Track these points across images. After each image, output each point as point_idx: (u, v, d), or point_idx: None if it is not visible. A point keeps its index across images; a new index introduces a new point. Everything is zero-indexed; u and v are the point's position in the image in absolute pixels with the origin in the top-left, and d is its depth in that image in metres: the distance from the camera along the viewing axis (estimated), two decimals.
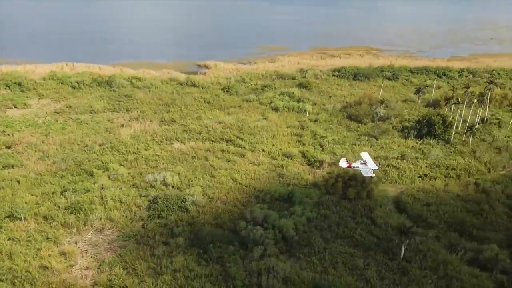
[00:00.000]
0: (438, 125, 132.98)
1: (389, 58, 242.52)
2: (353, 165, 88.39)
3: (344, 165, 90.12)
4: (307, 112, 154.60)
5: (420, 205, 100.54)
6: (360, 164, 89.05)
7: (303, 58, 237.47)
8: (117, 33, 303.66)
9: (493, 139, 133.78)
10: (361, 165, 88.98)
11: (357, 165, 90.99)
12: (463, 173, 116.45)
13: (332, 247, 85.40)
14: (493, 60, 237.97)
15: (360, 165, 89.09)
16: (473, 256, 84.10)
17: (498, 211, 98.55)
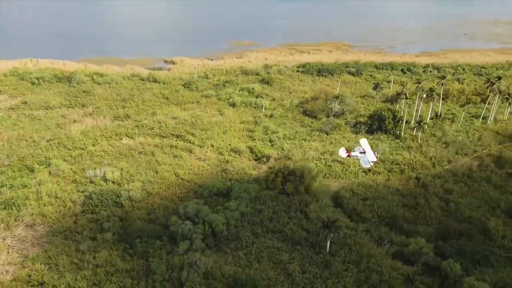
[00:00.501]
0: (389, 120, 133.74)
1: (358, 54, 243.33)
2: (352, 154, 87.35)
3: (343, 154, 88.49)
4: (264, 108, 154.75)
5: (357, 200, 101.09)
6: (359, 153, 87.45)
7: (272, 54, 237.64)
8: (90, 29, 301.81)
9: (443, 134, 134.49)
10: (360, 154, 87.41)
11: (356, 154, 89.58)
12: (406, 168, 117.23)
13: (260, 241, 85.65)
14: (461, 56, 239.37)
15: (359, 154, 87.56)
16: (398, 250, 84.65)
17: (433, 205, 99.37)
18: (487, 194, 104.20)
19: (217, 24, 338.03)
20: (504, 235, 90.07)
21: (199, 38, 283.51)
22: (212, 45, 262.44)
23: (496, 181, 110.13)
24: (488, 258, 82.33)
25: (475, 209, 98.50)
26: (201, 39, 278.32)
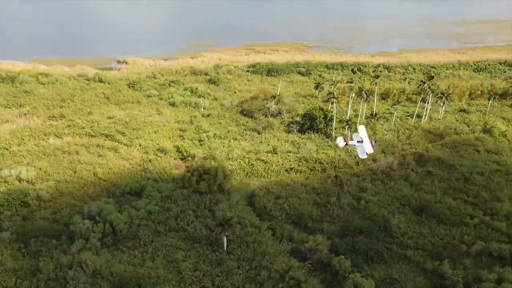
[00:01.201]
0: (319, 119, 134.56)
1: (314, 54, 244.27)
2: (349, 143, 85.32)
3: (341, 143, 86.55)
4: (202, 107, 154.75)
5: (269, 198, 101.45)
6: (356, 142, 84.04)
7: (227, 54, 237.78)
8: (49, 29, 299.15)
9: (373, 133, 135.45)
10: (357, 143, 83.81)
11: (353, 143, 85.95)
12: (328, 167, 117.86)
13: (160, 240, 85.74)
14: (416, 56, 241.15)
15: (357, 143, 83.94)
16: (296, 247, 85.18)
17: (344, 203, 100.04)
18: (401, 192, 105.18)
19: (182, 24, 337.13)
20: (405, 232, 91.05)
21: (160, 38, 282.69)
22: (172, 45, 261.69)
23: (414, 179, 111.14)
24: (382, 255, 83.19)
25: (385, 207, 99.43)
26: (161, 39, 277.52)
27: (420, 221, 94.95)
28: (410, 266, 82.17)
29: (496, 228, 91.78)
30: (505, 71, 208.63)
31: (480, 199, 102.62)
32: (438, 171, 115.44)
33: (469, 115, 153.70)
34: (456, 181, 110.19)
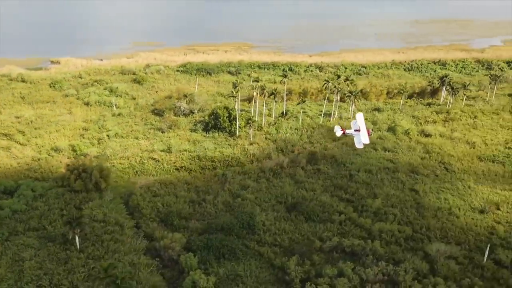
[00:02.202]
0: (223, 118, 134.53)
1: (254, 54, 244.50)
2: (347, 131, 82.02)
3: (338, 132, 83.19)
4: (115, 107, 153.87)
5: (146, 196, 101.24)
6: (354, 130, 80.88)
7: (165, 54, 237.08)
8: None
9: (277, 131, 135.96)
10: (354, 132, 79.63)
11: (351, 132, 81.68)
12: (220, 165, 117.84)
13: (15, 239, 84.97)
14: (355, 55, 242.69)
15: (354, 132, 79.71)
16: (152, 245, 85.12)
17: (219, 201, 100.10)
18: (281, 190, 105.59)
19: (132, 24, 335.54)
20: (269, 229, 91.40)
21: (107, 37, 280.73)
22: (115, 45, 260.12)
23: (300, 177, 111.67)
24: (235, 252, 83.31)
25: (260, 204, 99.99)
26: (107, 39, 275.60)
27: (289, 218, 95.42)
28: (261, 262, 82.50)
29: (360, 224, 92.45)
30: (435, 70, 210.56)
31: (357, 196, 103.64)
32: (327, 169, 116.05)
33: (381, 114, 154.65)
34: (340, 179, 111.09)
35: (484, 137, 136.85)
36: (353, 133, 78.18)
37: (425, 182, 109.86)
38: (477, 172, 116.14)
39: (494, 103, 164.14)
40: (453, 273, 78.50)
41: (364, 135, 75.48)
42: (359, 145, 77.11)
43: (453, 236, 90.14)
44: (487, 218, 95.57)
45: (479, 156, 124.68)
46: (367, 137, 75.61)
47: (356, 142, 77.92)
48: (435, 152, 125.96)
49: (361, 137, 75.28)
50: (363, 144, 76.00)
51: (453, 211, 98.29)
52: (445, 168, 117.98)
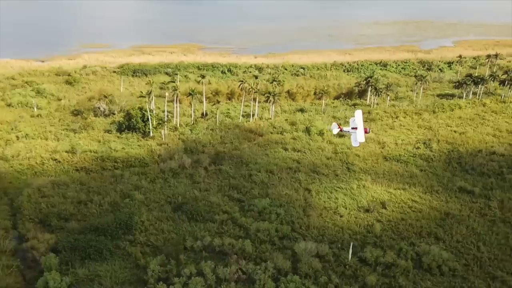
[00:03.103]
0: (136, 119, 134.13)
1: (201, 55, 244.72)
2: (344, 129, 79.72)
3: (335, 130, 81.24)
4: (36, 107, 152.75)
5: (34, 197, 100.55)
6: (351, 128, 77.82)
7: (109, 56, 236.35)
8: None
9: (191, 132, 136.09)
10: (351, 130, 77.61)
11: (348, 129, 79.72)
12: (122, 165, 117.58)
13: None
14: (299, 57, 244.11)
15: (351, 130, 77.77)
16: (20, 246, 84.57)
17: (106, 201, 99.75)
18: (175, 190, 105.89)
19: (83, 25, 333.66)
20: (147, 229, 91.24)
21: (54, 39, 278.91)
22: (63, 47, 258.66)
23: (199, 177, 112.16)
24: (101, 252, 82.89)
25: (148, 204, 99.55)
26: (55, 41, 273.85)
27: (172, 218, 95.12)
28: (126, 263, 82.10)
29: (240, 224, 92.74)
30: (374, 71, 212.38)
31: (248, 195, 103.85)
32: (230, 169, 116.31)
33: (303, 115, 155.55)
34: (239, 179, 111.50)
35: (398, 137, 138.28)
36: (350, 131, 79.17)
37: (322, 182, 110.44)
38: (377, 171, 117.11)
39: (419, 104, 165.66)
40: (314, 271, 78.70)
41: (361, 134, 75.62)
42: (355, 143, 78.12)
43: (330, 234, 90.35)
44: (370, 217, 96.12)
45: (385, 156, 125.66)
46: (363, 135, 75.89)
47: (352, 140, 78.93)
48: (343, 152, 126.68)
49: (357, 136, 75.63)
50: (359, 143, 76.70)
51: (339, 210, 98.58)
52: (347, 168, 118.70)
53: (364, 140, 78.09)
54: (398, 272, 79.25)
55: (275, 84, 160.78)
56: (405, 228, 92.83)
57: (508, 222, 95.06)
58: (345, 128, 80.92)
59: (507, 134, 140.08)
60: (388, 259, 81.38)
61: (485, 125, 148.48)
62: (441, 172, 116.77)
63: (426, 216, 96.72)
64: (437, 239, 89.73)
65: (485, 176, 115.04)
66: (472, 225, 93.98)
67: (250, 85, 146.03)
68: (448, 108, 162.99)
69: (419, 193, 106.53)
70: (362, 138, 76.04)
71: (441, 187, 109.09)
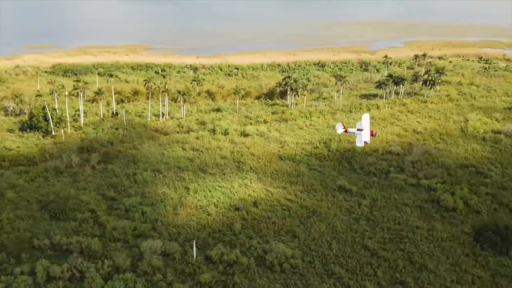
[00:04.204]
0: (38, 118, 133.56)
1: (143, 55, 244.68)
2: (349, 130, 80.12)
3: (340, 130, 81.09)
4: None
5: None
6: (357, 130, 78.69)
7: (51, 56, 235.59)
8: None
9: (95, 130, 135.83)
10: (357, 131, 78.35)
11: (353, 130, 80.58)
12: (8, 165, 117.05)
13: None
14: (242, 58, 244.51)
15: (357, 131, 78.59)
16: None
17: None
18: (50, 189, 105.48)
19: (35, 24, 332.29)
20: (3, 227, 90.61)
21: None
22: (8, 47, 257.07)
23: (81, 176, 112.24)
24: None
25: (18, 203, 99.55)
26: None
27: (35, 216, 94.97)
28: None
29: (100, 222, 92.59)
30: (308, 71, 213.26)
31: (124, 194, 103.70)
32: (117, 168, 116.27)
33: (216, 114, 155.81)
34: (122, 177, 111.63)
35: (303, 136, 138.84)
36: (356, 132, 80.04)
37: (206, 181, 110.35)
38: (267, 170, 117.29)
39: (339, 104, 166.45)
40: (154, 269, 78.60)
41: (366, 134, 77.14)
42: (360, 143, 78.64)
43: (189, 233, 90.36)
44: (237, 216, 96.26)
45: (280, 156, 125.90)
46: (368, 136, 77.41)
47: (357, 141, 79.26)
48: (239, 151, 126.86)
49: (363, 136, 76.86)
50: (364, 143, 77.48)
51: (208, 208, 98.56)
52: (237, 167, 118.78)
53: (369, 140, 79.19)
54: (238, 270, 78.94)
55: (195, 84, 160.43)
56: (267, 226, 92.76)
57: (372, 220, 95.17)
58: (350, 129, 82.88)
59: (411, 134, 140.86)
60: (231, 257, 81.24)
61: (394, 124, 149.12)
62: (328, 171, 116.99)
63: (293, 215, 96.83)
64: (294, 237, 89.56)
65: (371, 175, 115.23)
66: (334, 223, 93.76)
67: (157, 85, 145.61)
68: (366, 108, 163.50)
69: (297, 191, 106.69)
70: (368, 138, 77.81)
71: (321, 186, 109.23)
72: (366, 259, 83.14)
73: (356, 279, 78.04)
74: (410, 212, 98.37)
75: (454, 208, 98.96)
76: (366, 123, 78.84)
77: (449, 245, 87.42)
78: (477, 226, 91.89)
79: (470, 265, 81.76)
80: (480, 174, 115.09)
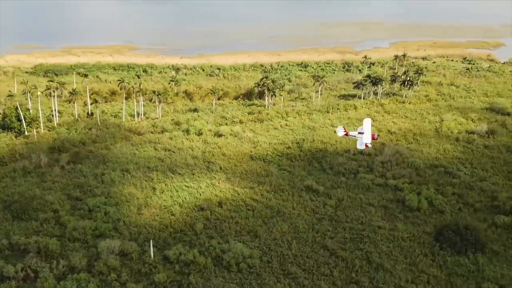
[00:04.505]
0: (11, 118, 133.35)
1: (128, 56, 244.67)
2: (350, 134, 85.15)
3: (341, 133, 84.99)
4: None
5: None
6: (357, 133, 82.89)
7: (33, 57, 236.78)
8: None
9: (68, 131, 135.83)
10: (358, 135, 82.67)
11: (354, 134, 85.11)
12: None
13: None
14: (226, 58, 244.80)
15: (358, 135, 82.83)
16: None
17: None
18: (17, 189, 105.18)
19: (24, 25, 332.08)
20: None
21: None
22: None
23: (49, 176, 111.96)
24: None
25: None
26: None
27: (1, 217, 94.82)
28: None
29: (61, 222, 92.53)
30: (290, 71, 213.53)
31: (89, 194, 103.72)
32: (86, 168, 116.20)
33: (192, 114, 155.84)
34: (89, 177, 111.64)
35: (277, 137, 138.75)
36: (357, 136, 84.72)
37: (173, 181, 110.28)
38: (236, 171, 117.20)
39: (317, 104, 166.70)
40: (109, 269, 78.46)
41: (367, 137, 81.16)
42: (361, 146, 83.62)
43: (150, 233, 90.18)
44: (200, 216, 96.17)
45: (252, 156, 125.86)
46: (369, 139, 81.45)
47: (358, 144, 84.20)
48: (211, 152, 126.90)
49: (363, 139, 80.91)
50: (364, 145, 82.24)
51: (172, 208, 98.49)
52: (207, 167, 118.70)
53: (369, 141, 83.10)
54: (195, 270, 78.86)
55: (173, 84, 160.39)
56: (229, 226, 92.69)
57: (335, 220, 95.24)
58: (351, 133, 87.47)
59: (385, 134, 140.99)
60: (189, 257, 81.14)
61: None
62: (298, 171, 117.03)
63: (257, 215, 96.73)
64: (256, 237, 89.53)
65: (340, 175, 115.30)
66: (296, 223, 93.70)
67: (131, 85, 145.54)
68: (343, 108, 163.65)
69: (264, 191, 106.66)
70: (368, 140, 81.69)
71: (289, 186, 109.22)
72: (324, 259, 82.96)
73: (312, 278, 77.92)
74: (374, 212, 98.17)
75: (418, 208, 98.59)
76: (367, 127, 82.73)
77: (408, 245, 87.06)
78: (438, 226, 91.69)
79: (427, 265, 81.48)
80: (449, 174, 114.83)
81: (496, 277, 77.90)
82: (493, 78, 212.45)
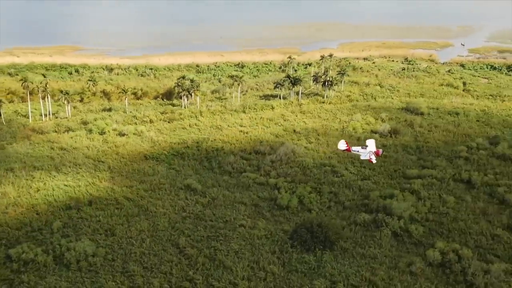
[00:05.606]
0: None
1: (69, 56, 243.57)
2: (352, 149, 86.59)
3: (342, 147, 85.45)
4: None
5: None
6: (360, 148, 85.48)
7: None
8: None
9: None
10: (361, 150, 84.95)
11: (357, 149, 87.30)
12: None
13: None
14: (174, 58, 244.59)
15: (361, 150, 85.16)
16: None
17: None
18: None
19: None
20: None
21: None
22: None
23: None
24: None
25: None
26: None
27: None
28: None
29: None
30: (225, 71, 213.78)
31: None
32: None
33: (104, 114, 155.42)
34: None
35: (180, 136, 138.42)
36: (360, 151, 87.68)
37: (54, 180, 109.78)
38: (124, 170, 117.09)
39: (234, 104, 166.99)
40: None
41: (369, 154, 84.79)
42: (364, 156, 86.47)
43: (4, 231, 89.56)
44: (65, 214, 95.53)
45: (146, 155, 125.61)
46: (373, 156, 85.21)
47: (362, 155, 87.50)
48: (105, 151, 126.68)
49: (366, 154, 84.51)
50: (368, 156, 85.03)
51: (40, 208, 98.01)
52: (95, 166, 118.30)
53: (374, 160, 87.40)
54: (33, 268, 78.38)
55: (90, 84, 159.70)
56: (88, 225, 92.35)
57: (200, 218, 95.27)
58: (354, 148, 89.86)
59: (289, 134, 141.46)
60: (30, 256, 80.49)
61: (278, 125, 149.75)
62: (185, 170, 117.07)
63: (123, 213, 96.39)
64: (112, 235, 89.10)
65: (225, 174, 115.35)
66: (158, 221, 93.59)
67: (35, 84, 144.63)
68: (260, 108, 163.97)
69: (142, 190, 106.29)
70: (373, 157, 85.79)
71: (169, 185, 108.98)
72: (170, 257, 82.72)
73: (148, 276, 77.50)
74: (244, 210, 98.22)
75: (288, 206, 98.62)
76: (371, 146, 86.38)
77: (260, 243, 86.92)
78: (297, 225, 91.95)
79: (271, 263, 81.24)
80: (334, 173, 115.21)
81: (332, 274, 77.95)
82: (424, 78, 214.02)
